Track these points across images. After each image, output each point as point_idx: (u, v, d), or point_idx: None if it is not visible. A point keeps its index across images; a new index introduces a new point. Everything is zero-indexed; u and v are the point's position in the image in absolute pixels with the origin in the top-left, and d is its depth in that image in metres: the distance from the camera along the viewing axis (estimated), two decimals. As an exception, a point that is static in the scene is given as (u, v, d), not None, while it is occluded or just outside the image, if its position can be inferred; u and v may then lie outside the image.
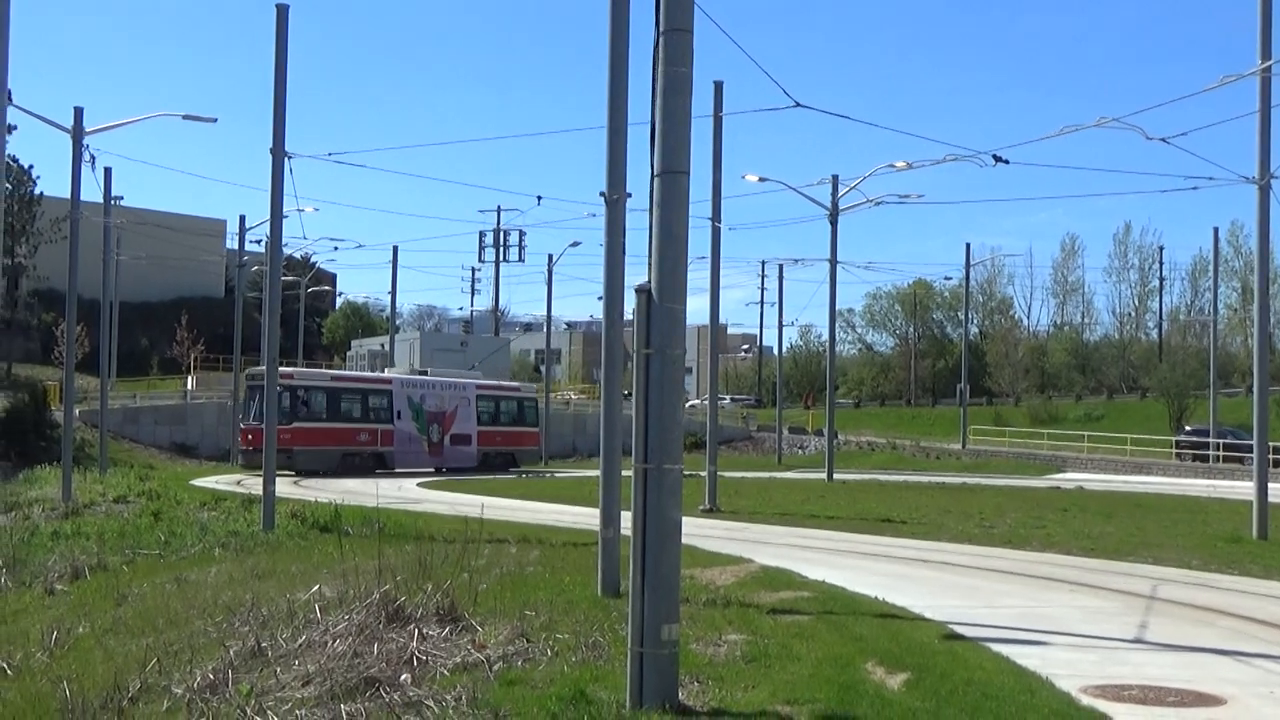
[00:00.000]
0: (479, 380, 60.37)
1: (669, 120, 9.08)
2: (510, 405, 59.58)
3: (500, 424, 58.27)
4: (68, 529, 24.67)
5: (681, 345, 9.05)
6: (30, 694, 11.37)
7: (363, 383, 55.30)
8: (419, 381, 55.50)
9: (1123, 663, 10.66)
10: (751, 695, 8.89)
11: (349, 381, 55.39)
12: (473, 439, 56.34)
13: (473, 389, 57.70)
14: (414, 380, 55.56)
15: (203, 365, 72.47)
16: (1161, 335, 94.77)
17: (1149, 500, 36.17)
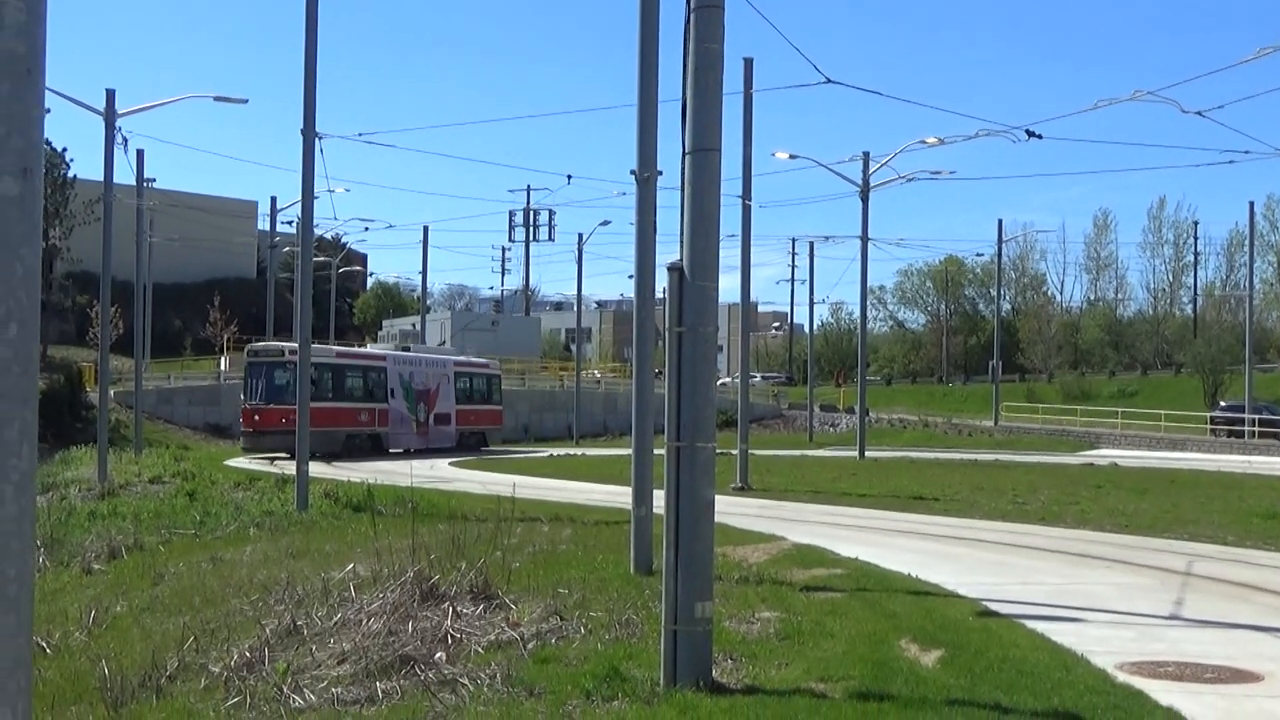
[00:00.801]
0: (456, 357, 58.25)
1: (700, 97, 9.05)
2: (480, 383, 57.09)
3: (474, 402, 55.96)
4: (104, 509, 24.87)
5: (714, 323, 9.05)
6: (70, 672, 11.49)
7: (361, 359, 51.82)
8: (408, 358, 52.90)
9: (1159, 639, 10.61)
10: (785, 672, 8.89)
11: (350, 359, 51.37)
12: (452, 418, 53.97)
13: (451, 366, 55.37)
14: (404, 357, 52.97)
15: (236, 346, 72.48)
16: (1196, 310, 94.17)
17: (1184, 476, 35.93)
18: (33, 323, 1.57)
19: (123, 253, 42.21)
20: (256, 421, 44.49)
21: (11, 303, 1.52)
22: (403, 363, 51.89)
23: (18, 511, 1.55)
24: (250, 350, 47.48)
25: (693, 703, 8.04)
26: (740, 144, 30.76)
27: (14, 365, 1.52)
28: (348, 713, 8.63)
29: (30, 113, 1.56)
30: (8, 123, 1.51)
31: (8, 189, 1.51)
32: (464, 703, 8.51)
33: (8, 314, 1.52)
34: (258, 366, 45.78)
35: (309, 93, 23.87)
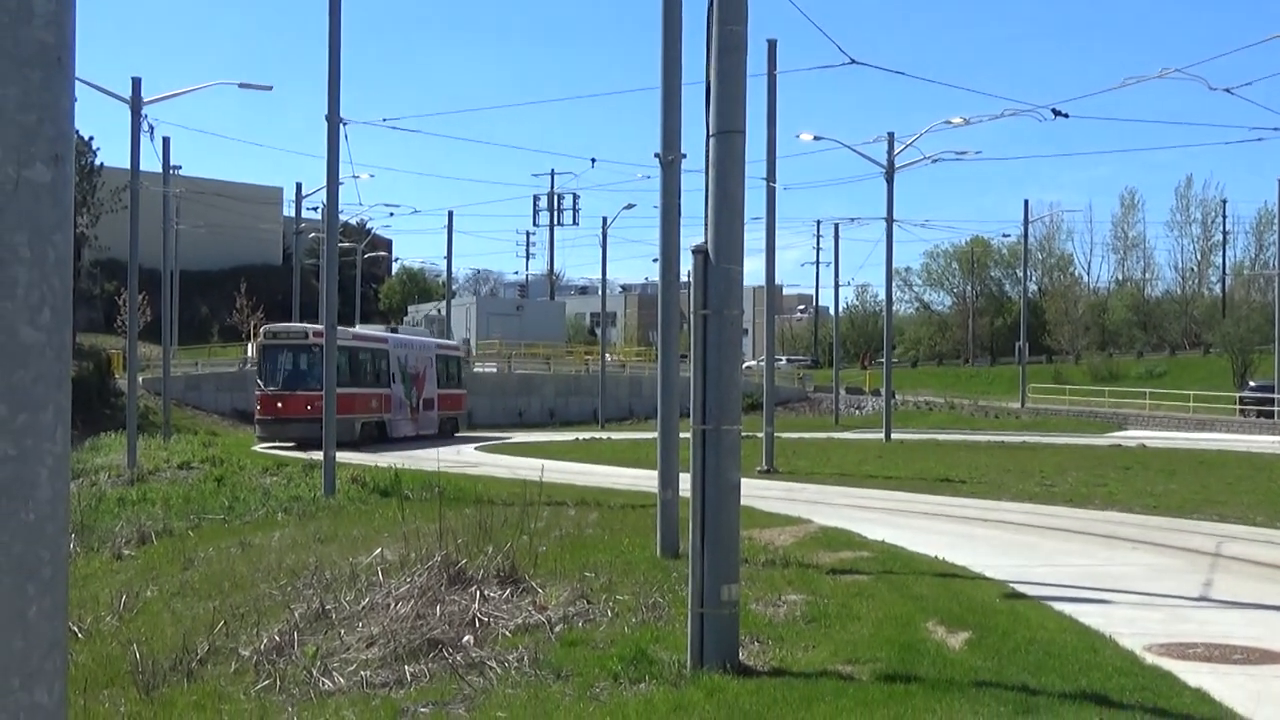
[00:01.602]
0: (438, 340, 56.26)
1: (724, 80, 9.04)
2: (453, 366, 54.32)
3: (450, 386, 53.42)
4: (133, 495, 25.06)
5: (739, 306, 9.05)
6: (101, 656, 11.58)
7: (370, 342, 47.36)
8: (404, 341, 50.13)
9: (1187, 620, 10.59)
10: (812, 655, 8.91)
11: (362, 341, 46.51)
12: (435, 403, 51.33)
13: (434, 348, 52.83)
14: (400, 340, 50.08)
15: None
16: (1225, 290, 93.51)
17: (1212, 457, 35.75)
18: (65, 308, 1.59)
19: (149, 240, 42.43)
20: (277, 409, 41.01)
21: (44, 288, 1.54)
22: (400, 346, 49.28)
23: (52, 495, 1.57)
24: (267, 332, 43.68)
25: (720, 685, 8.07)
26: (764, 126, 30.67)
27: (47, 350, 1.54)
28: (376, 695, 8.68)
29: (60, 101, 1.58)
30: (39, 111, 1.53)
31: (40, 176, 1.53)
32: (492, 685, 8.55)
33: (41, 300, 1.54)
34: (276, 350, 42.51)
35: (333, 79, 23.91)
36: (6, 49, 1.50)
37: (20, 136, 1.53)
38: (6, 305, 1.52)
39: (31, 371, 1.54)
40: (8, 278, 1.51)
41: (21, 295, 1.53)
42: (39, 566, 1.55)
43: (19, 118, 1.53)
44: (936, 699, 7.63)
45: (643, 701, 7.86)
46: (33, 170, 1.55)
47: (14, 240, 1.53)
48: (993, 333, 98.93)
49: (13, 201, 1.53)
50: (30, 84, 1.52)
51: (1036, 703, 7.56)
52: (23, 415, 1.54)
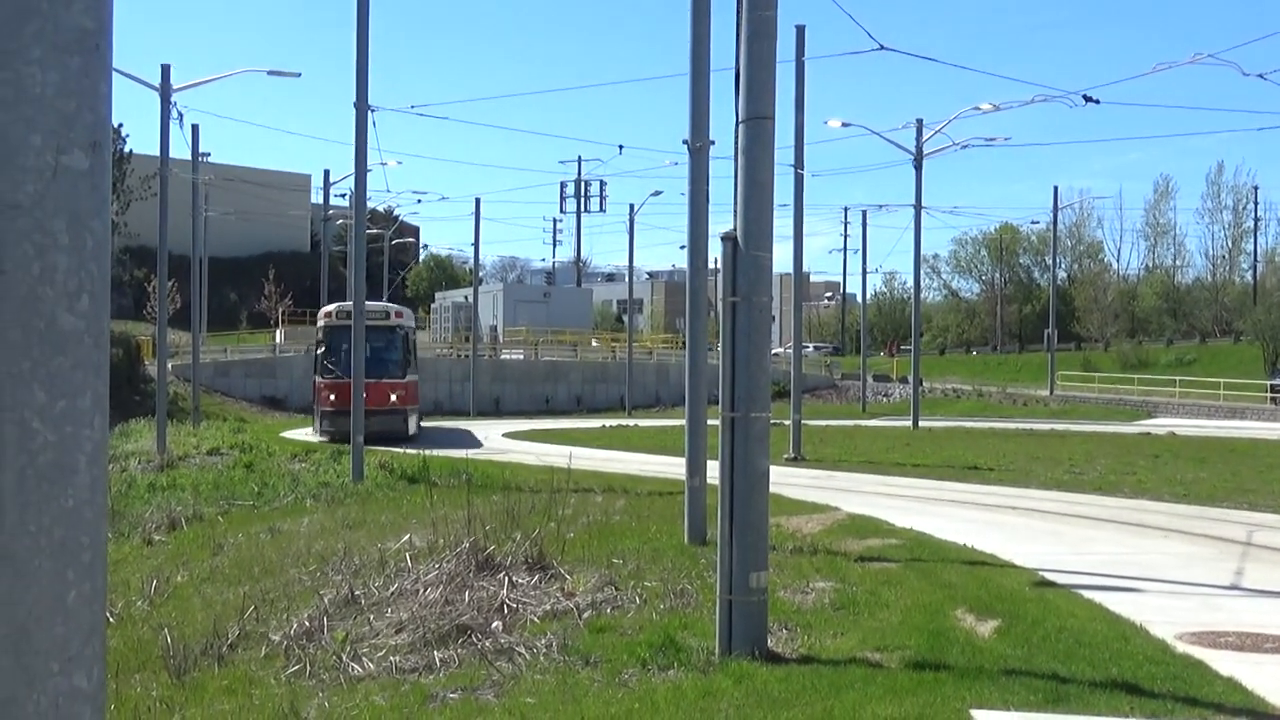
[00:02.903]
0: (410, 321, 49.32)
1: (754, 65, 9.02)
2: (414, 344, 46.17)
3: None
4: (163, 481, 25.22)
5: (768, 293, 9.04)
6: (133, 641, 11.68)
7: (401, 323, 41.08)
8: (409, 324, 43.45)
9: (1218, 609, 10.52)
10: (840, 642, 8.90)
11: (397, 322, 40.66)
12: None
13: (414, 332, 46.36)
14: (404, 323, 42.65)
15: (290, 319, 73.39)
16: (1256, 277, 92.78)
17: (1243, 445, 35.52)
18: (103, 295, 1.59)
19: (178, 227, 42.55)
20: (337, 400, 34.55)
21: (83, 275, 1.55)
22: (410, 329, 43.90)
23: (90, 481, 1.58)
24: (339, 311, 36.88)
25: (748, 672, 8.07)
26: (793, 112, 30.55)
27: (86, 337, 1.55)
28: (406, 681, 8.72)
29: (98, 88, 1.58)
30: (78, 98, 1.53)
31: (78, 163, 1.54)
32: (520, 671, 8.58)
33: (79, 286, 1.54)
34: (345, 332, 33.33)
35: (361, 66, 23.96)
36: (47, 35, 1.50)
37: (59, 123, 1.54)
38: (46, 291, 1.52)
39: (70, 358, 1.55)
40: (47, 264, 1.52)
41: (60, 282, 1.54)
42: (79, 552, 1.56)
43: (58, 104, 1.53)
44: (966, 687, 7.61)
45: (671, 688, 7.86)
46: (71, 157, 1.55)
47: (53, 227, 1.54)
48: (1021, 320, 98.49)
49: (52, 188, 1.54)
50: (69, 70, 1.53)
51: (1067, 691, 7.53)
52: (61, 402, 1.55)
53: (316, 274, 66.28)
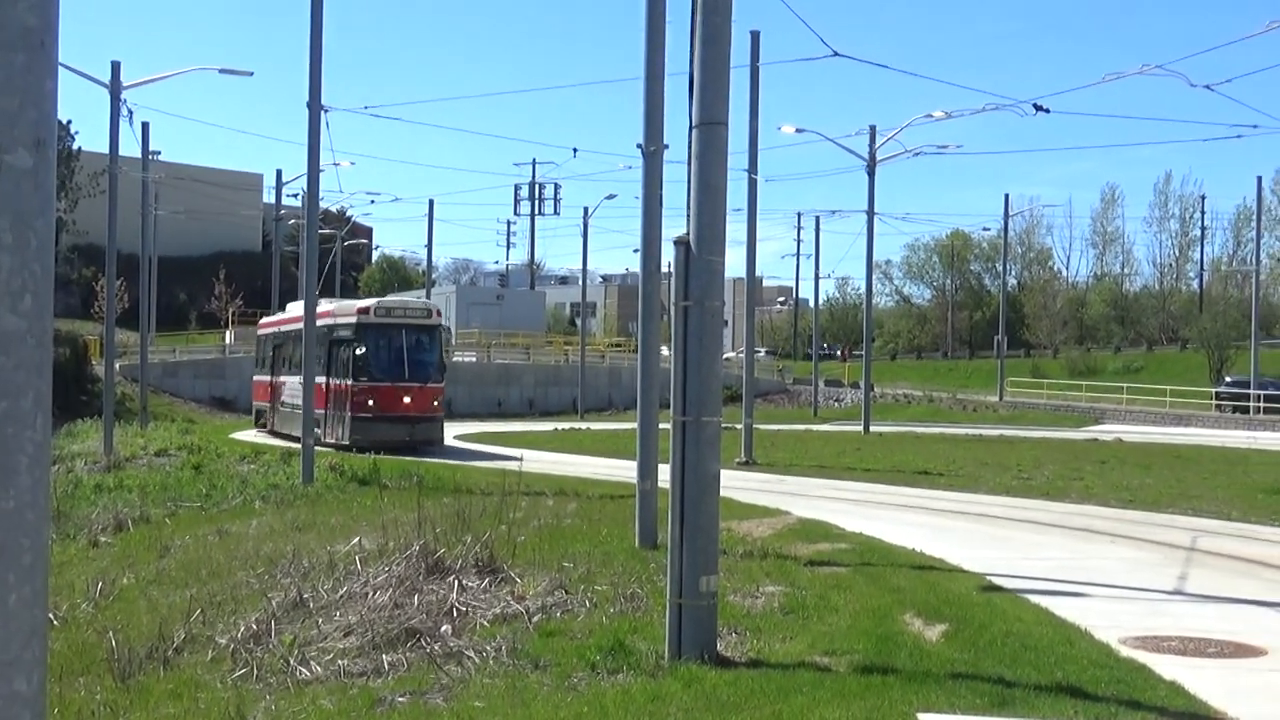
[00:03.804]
0: None
1: (707, 71, 9.03)
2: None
3: None
4: (110, 482, 24.95)
5: (721, 297, 9.05)
6: (77, 644, 11.54)
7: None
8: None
9: (1162, 614, 10.64)
10: (790, 646, 8.93)
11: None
12: None
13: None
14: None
15: (240, 319, 72.85)
16: (1202, 286, 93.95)
17: (1188, 452, 35.94)
18: (46, 295, 1.58)
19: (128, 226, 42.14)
20: (395, 404, 32.67)
21: (26, 275, 1.53)
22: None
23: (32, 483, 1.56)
24: (378, 308, 34.80)
25: (697, 675, 8.08)
26: (747, 118, 30.64)
27: (29, 337, 1.53)
28: (354, 684, 8.67)
29: (43, 85, 1.57)
30: (21, 95, 1.51)
31: (21, 161, 1.52)
32: (469, 675, 8.55)
33: (22, 286, 1.53)
34: (387, 330, 33.85)
35: (314, 66, 23.82)
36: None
37: (2, 121, 1.52)
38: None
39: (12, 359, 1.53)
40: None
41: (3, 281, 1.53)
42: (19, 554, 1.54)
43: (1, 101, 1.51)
44: (913, 691, 7.65)
45: (620, 692, 7.86)
46: (15, 155, 1.54)
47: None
48: (971, 326, 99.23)
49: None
50: (13, 68, 1.51)
51: (1012, 695, 7.59)
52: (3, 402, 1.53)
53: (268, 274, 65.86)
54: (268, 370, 42.72)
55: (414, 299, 40.21)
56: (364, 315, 34.20)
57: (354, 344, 33.50)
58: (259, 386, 44.68)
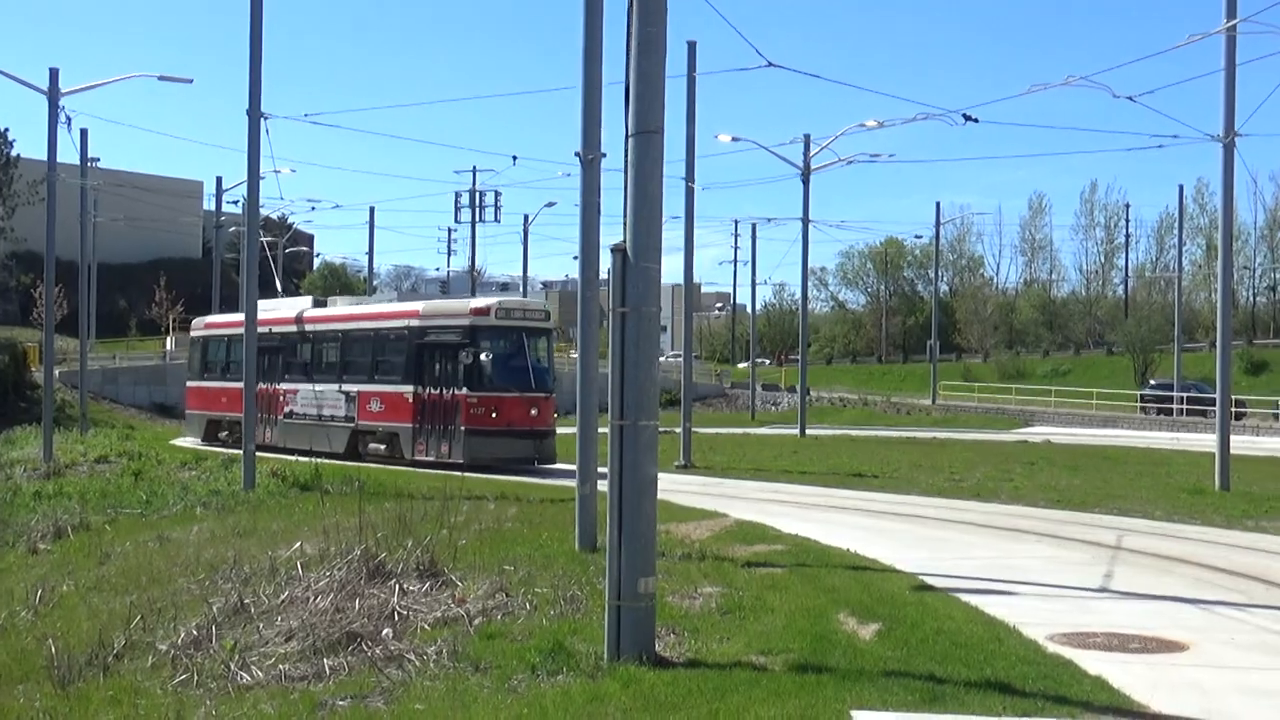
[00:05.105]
0: None
1: (643, 81, 9.05)
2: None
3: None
4: (50, 489, 24.56)
5: (657, 304, 9.06)
6: (16, 651, 11.38)
7: None
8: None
9: (1089, 611, 10.78)
10: (727, 646, 8.96)
11: None
12: None
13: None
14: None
15: (181, 326, 71.98)
16: (1127, 291, 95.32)
17: (1114, 453, 36.42)
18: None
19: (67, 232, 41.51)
20: (499, 419, 27.97)
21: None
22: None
23: (-36, 490, 1.53)
24: (497, 309, 29.58)
25: (636, 676, 8.09)
26: (684, 126, 30.69)
27: (-41, 345, 1.51)
28: (295, 689, 8.61)
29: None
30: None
31: (-48, 170, 1.49)
32: (410, 678, 8.52)
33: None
34: (506, 334, 29.10)
35: (254, 73, 23.59)
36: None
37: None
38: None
39: (-57, 366, 1.51)
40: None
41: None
42: (-50, 562, 1.52)
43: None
44: (847, 688, 7.71)
45: (560, 693, 7.86)
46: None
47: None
48: (905, 331, 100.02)
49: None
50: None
51: (943, 691, 7.67)
52: (-66, 410, 1.51)
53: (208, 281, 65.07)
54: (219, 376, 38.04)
55: (530, 299, 36.31)
56: (480, 316, 29.08)
57: (466, 349, 28.41)
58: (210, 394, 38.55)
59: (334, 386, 31.85)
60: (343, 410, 31.38)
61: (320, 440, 31.66)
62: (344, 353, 32.36)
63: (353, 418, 31.01)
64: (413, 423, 28.93)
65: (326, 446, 31.18)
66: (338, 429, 31.52)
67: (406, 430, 29.08)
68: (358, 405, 30.85)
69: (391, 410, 29.72)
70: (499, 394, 28.05)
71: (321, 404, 32.15)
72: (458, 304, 31.87)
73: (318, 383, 32.64)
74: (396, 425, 29.49)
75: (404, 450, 28.94)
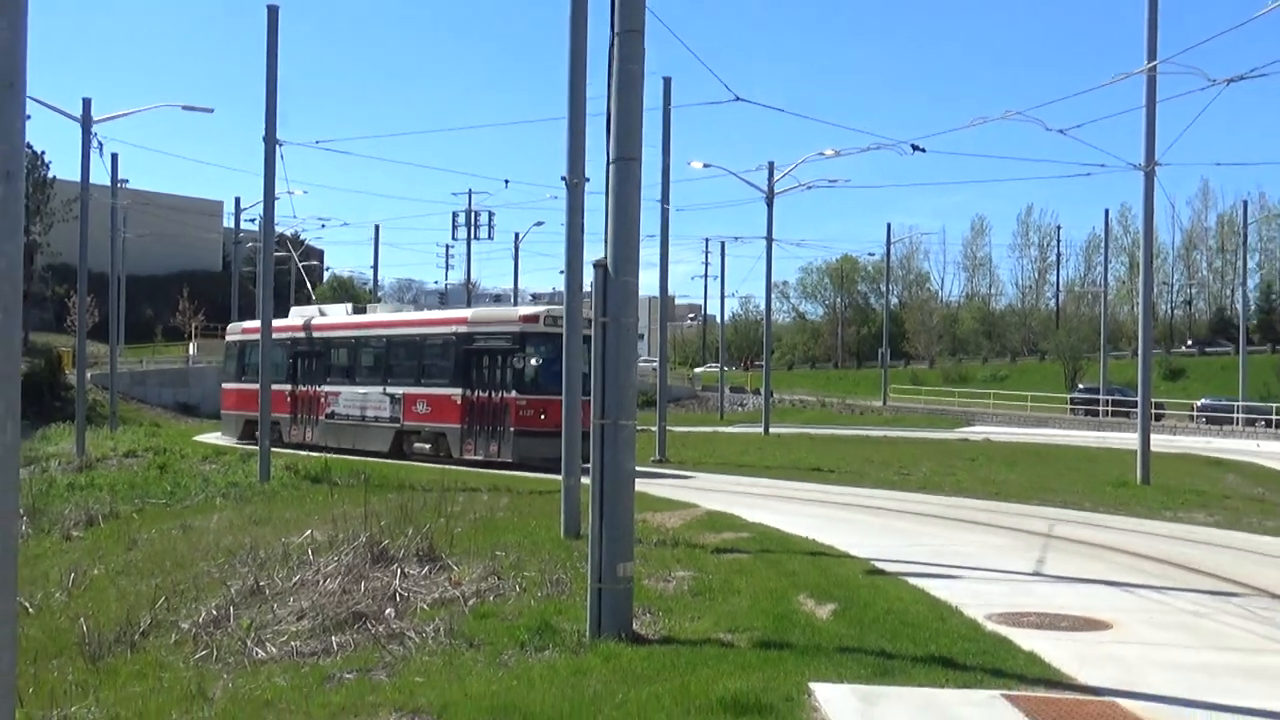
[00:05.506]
0: None
1: (623, 112, 9.06)
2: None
3: None
4: (82, 481, 24.43)
5: (634, 314, 9.06)
6: (51, 629, 11.30)
7: None
8: None
9: (1024, 593, 10.79)
10: (697, 625, 8.95)
11: None
12: None
13: None
14: None
15: (202, 333, 71.69)
16: (1059, 304, 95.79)
17: (1047, 450, 36.56)
18: (16, 310, 1.55)
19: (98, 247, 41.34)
20: (547, 421, 25.26)
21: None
22: None
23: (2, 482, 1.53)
24: (546, 317, 27.10)
25: (615, 652, 8.08)
26: (660, 154, 30.78)
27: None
28: (305, 663, 8.57)
29: (12, 122, 1.55)
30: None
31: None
32: (411, 654, 8.48)
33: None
34: (553, 340, 24.44)
35: (270, 104, 23.55)
36: (-38, 75, 1.47)
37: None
38: (-40, 309, 1.48)
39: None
40: (-38, 284, 1.48)
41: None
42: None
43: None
44: (805, 663, 7.70)
45: (546, 667, 7.84)
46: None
47: (-33, 250, 1.50)
48: (859, 339, 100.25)
49: (-34, 214, 1.50)
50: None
51: (892, 665, 7.67)
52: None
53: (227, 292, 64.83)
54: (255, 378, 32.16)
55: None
56: (529, 324, 27.35)
57: (515, 354, 27.00)
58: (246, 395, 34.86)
59: (378, 389, 30.48)
60: (387, 411, 30.04)
61: (364, 440, 30.36)
62: (389, 356, 30.99)
63: (398, 418, 29.66)
64: (461, 423, 27.71)
65: (370, 446, 29.88)
66: (382, 429, 30.14)
67: (455, 431, 27.87)
68: (403, 406, 29.54)
69: (439, 411, 28.47)
70: (547, 397, 25.62)
71: (365, 405, 30.82)
72: (506, 312, 30.57)
73: (361, 385, 31.19)
74: (444, 426, 28.22)
75: (452, 449, 27.73)
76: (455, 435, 27.76)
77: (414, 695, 7.24)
